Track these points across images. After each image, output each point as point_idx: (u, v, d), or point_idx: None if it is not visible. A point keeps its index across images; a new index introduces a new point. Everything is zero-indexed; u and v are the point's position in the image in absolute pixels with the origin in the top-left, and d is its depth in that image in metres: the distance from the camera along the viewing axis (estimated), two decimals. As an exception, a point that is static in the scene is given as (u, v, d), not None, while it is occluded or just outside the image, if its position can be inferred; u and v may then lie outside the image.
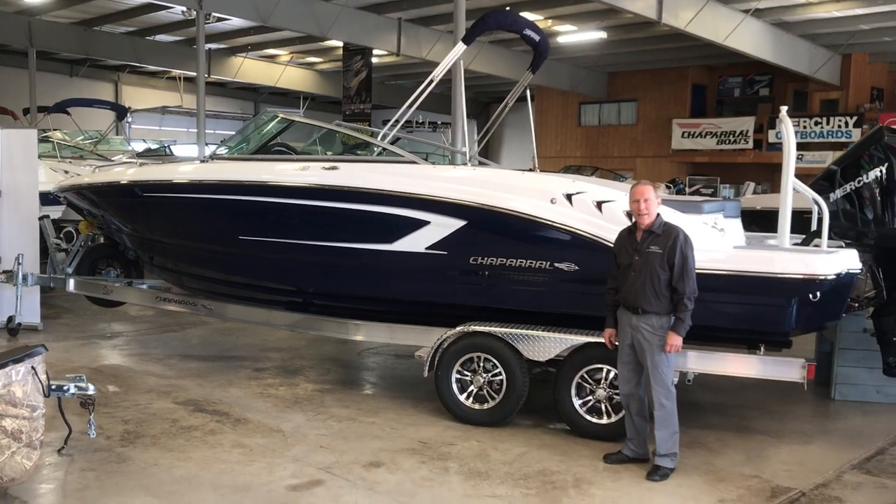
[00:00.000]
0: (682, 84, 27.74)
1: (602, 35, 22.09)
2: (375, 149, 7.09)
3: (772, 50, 20.78)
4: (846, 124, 22.71)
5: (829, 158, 21.30)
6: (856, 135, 22.55)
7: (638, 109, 28.95)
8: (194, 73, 26.59)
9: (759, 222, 10.36)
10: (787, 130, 6.36)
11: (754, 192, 18.67)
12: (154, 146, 24.05)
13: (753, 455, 5.92)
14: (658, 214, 5.35)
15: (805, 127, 23.41)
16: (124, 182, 8.06)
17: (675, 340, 5.25)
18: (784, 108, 6.66)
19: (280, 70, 30.80)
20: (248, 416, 6.48)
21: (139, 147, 22.71)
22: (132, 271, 9.34)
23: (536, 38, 7.45)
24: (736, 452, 5.96)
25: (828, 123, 23.01)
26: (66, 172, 13.83)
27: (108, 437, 5.82)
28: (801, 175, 6.21)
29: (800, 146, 25.57)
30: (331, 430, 6.20)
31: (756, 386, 7.25)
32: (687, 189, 23.65)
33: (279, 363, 8.35)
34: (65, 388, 5.30)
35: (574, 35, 22.06)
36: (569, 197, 6.11)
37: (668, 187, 20.85)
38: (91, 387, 5.41)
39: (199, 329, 9.96)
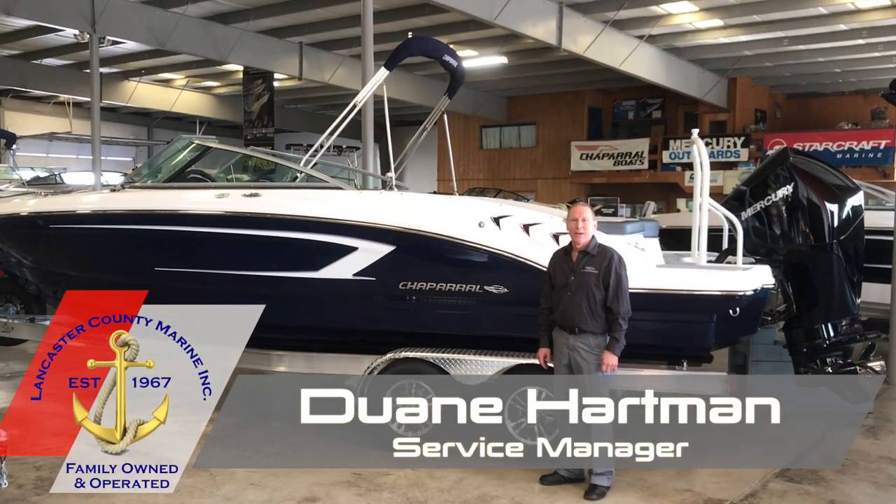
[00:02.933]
0: (579, 107, 28.49)
1: (503, 60, 22.50)
2: (298, 174, 6.96)
3: (664, 74, 21.64)
4: (735, 144, 23.80)
5: (720, 177, 22.31)
6: (743, 154, 23.71)
7: (537, 132, 29.55)
8: (84, 98, 25.71)
9: (664, 240, 10.70)
10: (701, 151, 6.62)
11: (654, 212, 19.31)
12: (43, 174, 22.98)
13: (682, 468, 6.05)
14: (593, 236, 5.45)
15: (696, 148, 24.40)
16: (26, 213, 7.63)
17: (611, 360, 5.35)
18: (696, 131, 6.98)
19: (176, 94, 29.99)
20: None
21: (27, 175, 21.66)
22: (34, 306, 8.84)
23: (454, 63, 7.52)
24: (665, 466, 6.07)
25: (717, 144, 24.06)
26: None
27: (19, 486, 5.48)
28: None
29: (692, 166, 26.36)
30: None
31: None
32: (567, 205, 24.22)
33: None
34: (-28, 435, 4.95)
35: (475, 60, 22.36)
36: (496, 220, 6.16)
37: (567, 207, 21.35)
38: (2, 433, 5.06)
39: (105, 365, 9.48)
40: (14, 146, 22.24)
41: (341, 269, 6.35)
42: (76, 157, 32.60)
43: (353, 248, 6.30)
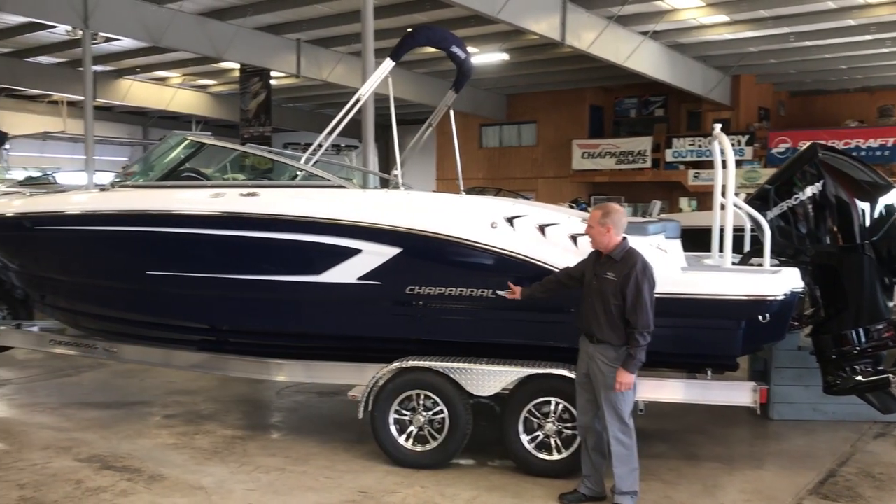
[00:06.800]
0: (580, 105, 28.13)
1: (504, 57, 22.13)
2: (298, 173, 6.57)
3: (668, 71, 21.27)
4: (739, 143, 23.41)
5: (724, 176, 21.92)
6: (748, 153, 23.37)
7: (538, 131, 29.19)
8: (78, 97, 25.27)
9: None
10: (725, 148, 6.25)
11: (660, 212, 18.90)
12: (36, 174, 22.59)
13: (710, 484, 5.68)
14: (624, 239, 5.06)
15: (700, 146, 24.08)
16: (11, 214, 7.21)
17: (625, 378, 4.91)
18: (718, 126, 6.57)
19: (171, 93, 29.56)
20: (163, 471, 5.81)
21: (19, 175, 21.30)
22: (21, 312, 8.45)
23: (462, 55, 7.11)
24: (691, 483, 5.70)
25: (722, 142, 23.69)
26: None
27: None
28: (700, 192, 6.11)
29: (696, 164, 25.90)
30: (259, 482, 5.61)
31: (694, 409, 7.04)
32: (590, 209, 23.88)
33: (190, 408, 7.65)
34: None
35: (476, 57, 21.99)
36: (510, 220, 5.77)
37: (570, 206, 20.97)
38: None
39: (96, 373, 9.10)
40: (6, 145, 21.87)
41: (344, 273, 5.95)
42: (70, 156, 32.07)
43: (357, 251, 5.91)
